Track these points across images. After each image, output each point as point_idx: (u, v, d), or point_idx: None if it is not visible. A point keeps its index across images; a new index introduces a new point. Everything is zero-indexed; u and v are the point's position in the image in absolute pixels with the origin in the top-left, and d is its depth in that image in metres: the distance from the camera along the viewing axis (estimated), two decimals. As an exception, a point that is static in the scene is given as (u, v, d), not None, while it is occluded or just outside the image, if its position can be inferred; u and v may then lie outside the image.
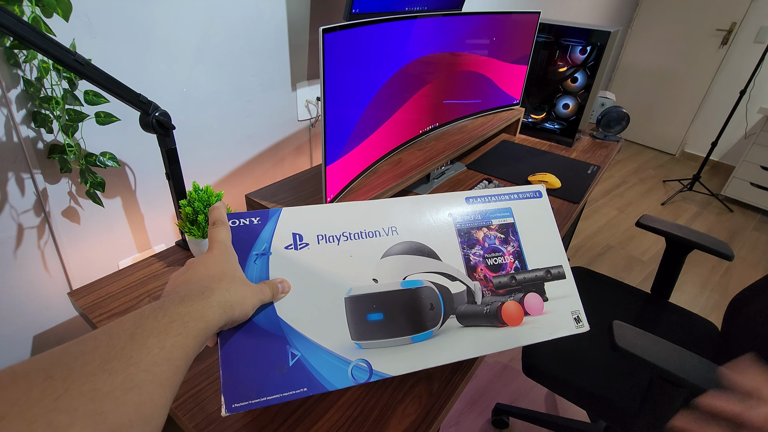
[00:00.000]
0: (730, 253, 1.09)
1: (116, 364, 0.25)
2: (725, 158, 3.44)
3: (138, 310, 0.30)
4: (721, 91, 3.36)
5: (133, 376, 0.25)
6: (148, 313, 0.30)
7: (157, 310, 0.30)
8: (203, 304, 0.33)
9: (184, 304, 0.32)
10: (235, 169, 1.11)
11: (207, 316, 0.32)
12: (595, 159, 1.54)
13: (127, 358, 0.26)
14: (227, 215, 0.45)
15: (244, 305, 0.37)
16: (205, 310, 0.33)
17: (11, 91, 0.68)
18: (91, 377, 0.23)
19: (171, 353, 0.28)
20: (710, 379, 0.73)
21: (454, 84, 1.26)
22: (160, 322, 0.29)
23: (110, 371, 0.24)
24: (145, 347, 0.27)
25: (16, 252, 0.77)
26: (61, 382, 0.22)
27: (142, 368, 0.26)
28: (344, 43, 0.77)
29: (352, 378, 0.43)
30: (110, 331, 0.27)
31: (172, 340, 0.29)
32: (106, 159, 0.78)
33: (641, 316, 1.16)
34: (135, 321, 0.29)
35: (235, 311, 0.36)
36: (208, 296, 0.34)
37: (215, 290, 0.35)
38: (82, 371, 0.24)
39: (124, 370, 0.25)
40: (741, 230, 2.72)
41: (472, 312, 0.49)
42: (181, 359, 0.29)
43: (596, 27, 1.47)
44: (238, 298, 0.37)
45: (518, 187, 0.57)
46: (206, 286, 0.35)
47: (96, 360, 0.25)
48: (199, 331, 0.31)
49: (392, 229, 0.50)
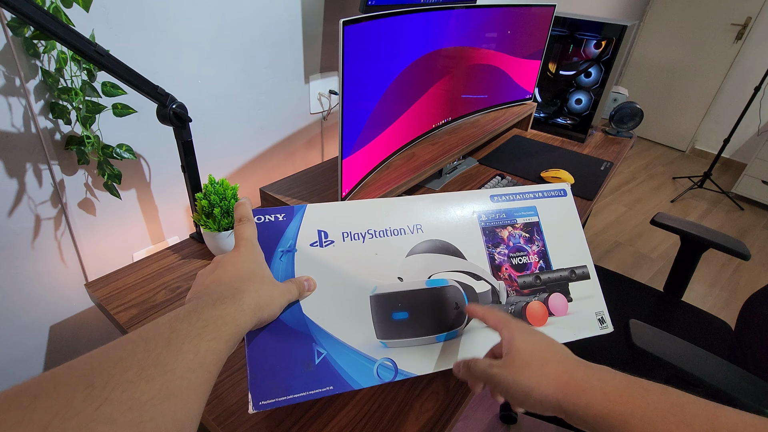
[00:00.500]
0: (747, 253, 1.07)
1: (153, 371, 0.25)
2: (736, 155, 3.40)
3: (172, 313, 0.30)
4: (734, 87, 3.31)
5: (169, 383, 0.25)
6: (182, 317, 0.29)
7: (192, 313, 0.30)
8: (235, 308, 0.32)
9: (217, 307, 0.31)
10: (247, 161, 1.11)
11: (239, 319, 0.32)
12: (607, 155, 1.53)
13: (164, 365, 0.25)
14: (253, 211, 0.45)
15: (272, 306, 0.37)
16: (237, 314, 0.32)
17: (30, 81, 0.68)
18: (129, 385, 0.23)
19: (205, 359, 0.28)
20: (728, 379, 0.73)
21: (468, 78, 1.24)
22: (194, 326, 0.29)
23: (148, 379, 0.24)
24: (181, 353, 0.27)
25: (34, 243, 0.77)
26: (101, 391, 0.22)
27: (177, 375, 0.26)
28: (363, 36, 0.76)
29: (377, 377, 0.43)
30: (146, 336, 0.27)
31: (206, 345, 0.28)
32: (123, 151, 0.78)
33: (654, 315, 1.15)
34: (170, 325, 0.28)
35: (264, 313, 0.36)
36: (240, 299, 0.34)
37: (246, 292, 0.35)
38: (121, 378, 0.23)
39: (161, 377, 0.25)
40: (752, 228, 2.70)
41: (497, 311, 0.49)
42: (214, 364, 0.29)
43: (611, 21, 1.45)
44: (268, 300, 0.37)
45: (543, 185, 0.57)
46: (237, 288, 0.35)
47: (134, 366, 0.24)
48: (232, 335, 0.31)
49: (417, 227, 0.49)
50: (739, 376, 0.73)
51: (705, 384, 0.72)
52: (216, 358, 0.29)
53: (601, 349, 1.01)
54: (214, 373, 0.29)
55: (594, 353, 1.00)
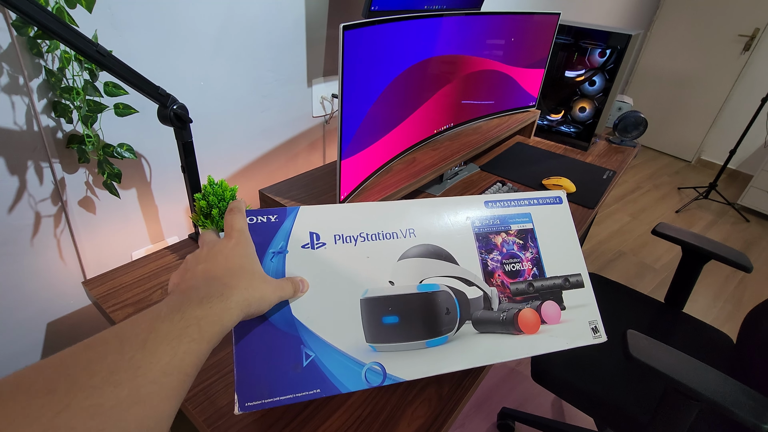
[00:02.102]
0: (749, 265, 1.06)
1: (123, 375, 0.24)
2: (743, 167, 3.37)
3: (154, 310, 0.29)
4: (742, 98, 3.30)
5: (139, 388, 0.24)
6: (164, 315, 0.29)
7: (174, 312, 0.29)
8: (222, 307, 0.32)
9: (203, 306, 0.31)
10: (249, 163, 1.12)
11: (224, 318, 0.32)
12: (611, 164, 1.52)
13: (136, 368, 0.25)
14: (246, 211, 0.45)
15: (262, 302, 0.37)
16: (223, 313, 0.32)
17: (33, 80, 0.69)
18: (95, 391, 0.22)
19: (183, 360, 0.27)
20: (726, 393, 0.71)
21: (471, 84, 1.24)
22: (175, 326, 0.28)
23: (116, 383, 0.23)
24: (156, 354, 0.26)
25: (33, 240, 0.78)
26: (63, 396, 0.21)
27: (149, 379, 0.25)
28: (364, 41, 0.76)
29: (365, 381, 0.43)
30: (122, 335, 0.26)
31: (185, 346, 0.28)
32: (124, 150, 0.79)
33: (654, 326, 1.14)
34: (150, 324, 0.28)
35: (252, 308, 0.35)
36: (228, 297, 0.33)
37: (234, 288, 0.34)
38: (86, 384, 0.22)
39: (131, 381, 0.24)
40: (757, 241, 2.67)
41: (489, 318, 0.48)
42: (191, 366, 0.28)
43: (617, 30, 1.45)
44: (257, 296, 0.36)
45: (538, 192, 0.56)
46: (226, 284, 0.34)
47: (103, 371, 0.23)
48: (214, 335, 0.30)
49: (410, 231, 0.49)
50: (738, 391, 0.72)
51: (702, 397, 0.71)
52: (195, 359, 0.28)
53: (599, 360, 1.00)
54: (191, 375, 0.28)
55: (592, 363, 0.99)
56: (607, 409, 0.92)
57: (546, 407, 1.48)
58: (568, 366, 0.99)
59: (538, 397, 1.50)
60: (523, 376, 1.57)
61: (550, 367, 0.99)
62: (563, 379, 0.97)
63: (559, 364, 0.99)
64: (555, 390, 1.00)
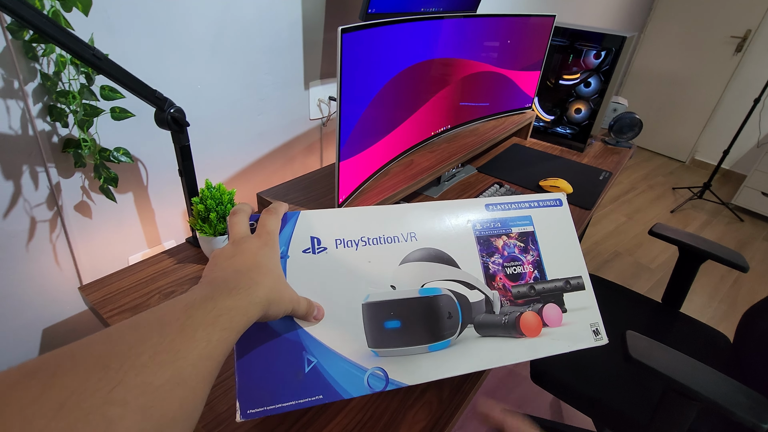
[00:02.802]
0: (745, 265, 1.07)
1: (166, 356, 0.25)
2: (736, 167, 3.40)
3: (187, 298, 0.30)
4: (734, 98, 3.33)
5: (181, 370, 0.25)
6: (198, 304, 0.29)
7: (207, 300, 0.30)
8: (249, 300, 0.33)
9: (232, 297, 0.32)
10: (246, 166, 1.11)
11: (250, 312, 0.32)
12: (606, 165, 1.53)
13: (176, 351, 0.25)
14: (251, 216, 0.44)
15: (279, 307, 0.37)
16: (249, 307, 0.32)
17: (28, 84, 0.68)
18: (143, 369, 0.23)
19: (216, 348, 0.28)
20: (725, 393, 0.72)
21: (467, 86, 1.25)
22: (209, 314, 0.29)
23: (160, 364, 0.24)
24: (194, 340, 0.27)
25: (28, 245, 0.77)
26: (116, 373, 0.22)
27: (189, 362, 0.26)
28: (362, 43, 0.76)
29: (368, 386, 0.42)
30: (162, 319, 0.27)
31: (218, 335, 0.28)
32: (120, 154, 0.78)
33: (652, 326, 1.15)
34: (186, 310, 0.28)
35: (271, 309, 0.36)
36: (255, 291, 0.34)
37: (260, 285, 0.35)
38: (136, 362, 0.23)
39: (173, 363, 0.25)
40: (751, 240, 2.69)
41: (491, 322, 0.48)
42: (222, 355, 0.29)
43: (611, 32, 1.46)
44: (278, 298, 0.37)
45: (538, 194, 0.56)
46: (253, 279, 0.35)
47: (148, 351, 0.24)
48: (242, 326, 0.31)
49: (411, 235, 0.49)
50: (736, 390, 0.73)
51: (701, 397, 0.71)
52: (225, 348, 0.29)
53: (598, 361, 1.01)
54: (220, 363, 0.29)
55: (591, 364, 1.00)
56: (605, 410, 0.92)
57: (545, 408, 1.48)
58: (567, 367, 0.99)
59: (537, 399, 1.51)
60: (522, 377, 1.57)
61: (549, 368, 0.99)
62: (562, 380, 0.97)
63: (558, 365, 0.99)
64: (554, 391, 1.01)
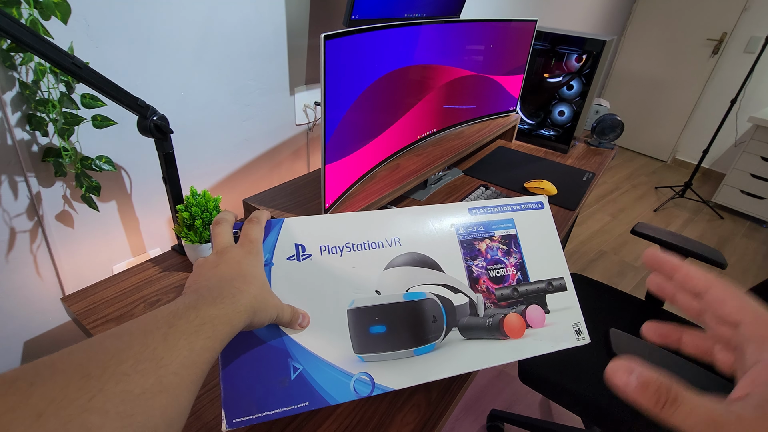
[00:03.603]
0: (723, 262, 1.10)
1: (148, 365, 0.25)
2: (716, 165, 3.48)
3: (171, 307, 0.30)
4: (712, 99, 3.41)
5: (162, 378, 0.25)
6: (181, 312, 0.30)
7: (191, 309, 0.30)
8: (233, 309, 0.33)
9: (216, 306, 0.32)
10: (232, 173, 1.11)
11: (234, 320, 0.33)
12: (590, 166, 1.55)
13: (159, 359, 0.26)
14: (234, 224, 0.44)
15: (264, 314, 0.37)
16: (233, 315, 0.33)
17: (6, 93, 0.67)
18: (124, 377, 0.23)
19: (199, 356, 0.28)
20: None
21: (452, 90, 1.26)
22: (192, 323, 0.29)
23: (142, 372, 0.24)
24: (176, 349, 0.27)
25: (8, 256, 0.76)
26: (96, 381, 0.22)
27: (171, 370, 0.26)
28: (345, 49, 0.77)
29: (354, 392, 0.43)
30: (145, 328, 0.27)
31: (201, 343, 0.29)
32: (102, 163, 0.77)
33: (636, 324, 1.17)
34: (169, 320, 0.29)
35: (257, 317, 0.36)
36: (239, 300, 0.34)
37: (245, 293, 0.35)
38: (116, 370, 0.23)
39: (155, 372, 0.25)
40: (731, 237, 2.76)
41: (475, 324, 0.49)
42: (206, 363, 0.29)
43: (592, 36, 1.49)
44: (262, 306, 0.37)
45: (520, 198, 0.57)
46: (237, 288, 0.35)
47: (130, 359, 0.25)
48: (226, 335, 0.31)
49: (395, 240, 0.49)
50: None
51: (683, 393, 0.73)
52: (209, 356, 0.29)
53: (583, 359, 1.02)
54: (205, 371, 0.29)
55: (576, 363, 1.01)
56: (592, 407, 0.94)
57: (534, 408, 1.50)
58: (554, 366, 1.00)
59: (527, 398, 1.52)
60: (511, 377, 1.59)
61: (536, 368, 1.01)
62: (549, 379, 0.99)
63: (545, 364, 1.01)
64: (542, 390, 1.02)
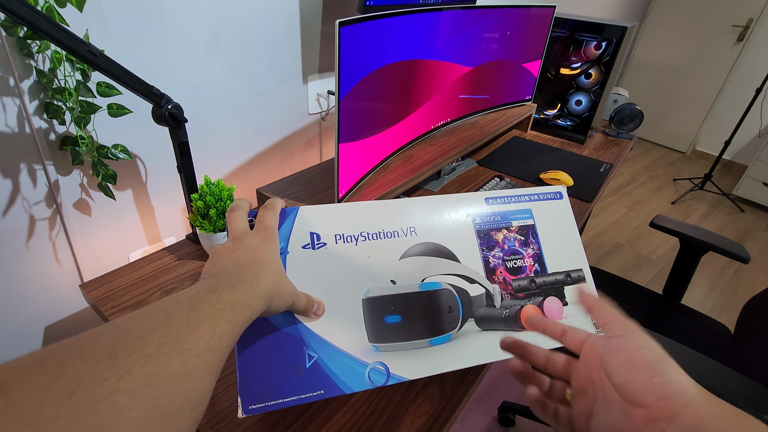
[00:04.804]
0: (746, 256, 1.07)
1: (172, 347, 0.25)
2: (737, 157, 3.38)
3: (193, 290, 0.30)
4: (736, 88, 3.30)
5: (186, 361, 0.25)
6: (203, 296, 0.30)
7: (211, 293, 0.30)
8: (252, 294, 0.33)
9: (236, 290, 0.32)
10: (245, 162, 1.11)
11: (253, 305, 0.33)
12: (607, 157, 1.52)
13: (182, 342, 0.26)
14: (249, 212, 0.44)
15: (281, 301, 0.37)
16: (252, 300, 0.33)
17: (24, 81, 0.68)
18: (150, 359, 0.23)
19: (220, 340, 0.28)
20: (726, 384, 0.72)
21: (467, 78, 1.24)
22: (213, 307, 0.29)
23: (167, 355, 0.24)
24: (199, 332, 0.27)
25: (28, 243, 0.77)
26: (124, 362, 0.22)
27: (194, 354, 0.26)
28: (360, 36, 0.75)
29: (369, 381, 0.42)
30: (167, 311, 0.27)
31: (223, 327, 0.29)
32: (118, 151, 0.78)
33: (653, 318, 1.15)
34: (190, 303, 0.29)
35: (274, 303, 0.36)
36: (257, 285, 0.34)
37: (263, 279, 0.35)
38: (142, 352, 0.23)
39: (179, 354, 0.25)
40: (752, 231, 2.69)
41: (491, 315, 0.48)
42: (227, 346, 0.29)
43: (612, 22, 1.44)
44: (279, 292, 0.37)
45: (538, 187, 0.56)
46: (256, 273, 0.35)
47: (155, 341, 0.24)
48: (245, 320, 0.31)
49: (411, 229, 0.49)
50: (738, 382, 0.73)
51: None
52: (230, 341, 0.29)
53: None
54: (225, 355, 0.29)
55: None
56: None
57: (546, 400, 1.49)
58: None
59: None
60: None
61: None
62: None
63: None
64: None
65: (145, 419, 0.22)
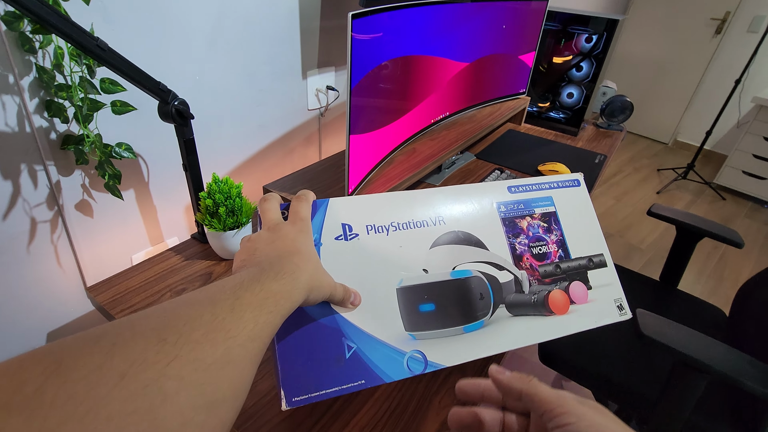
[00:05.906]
0: (740, 241, 1.10)
1: (218, 335, 0.25)
2: (717, 147, 3.49)
3: (236, 279, 0.30)
4: (714, 80, 3.40)
5: (230, 350, 0.25)
6: (246, 285, 0.29)
7: (255, 283, 0.30)
8: (293, 285, 0.33)
9: (278, 281, 0.32)
10: (246, 159, 1.09)
11: (294, 296, 0.32)
12: (600, 148, 1.55)
13: (227, 330, 0.25)
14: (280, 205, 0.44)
15: (319, 292, 0.37)
16: (293, 291, 0.32)
17: (24, 78, 0.65)
18: (197, 345, 0.23)
19: (262, 330, 0.28)
20: (734, 364, 0.74)
21: (466, 72, 1.24)
22: (256, 296, 0.29)
23: (212, 342, 0.24)
24: (242, 320, 0.27)
25: (29, 247, 0.75)
26: (172, 347, 0.22)
27: (238, 342, 0.26)
28: (369, 29, 0.75)
29: (408, 369, 0.42)
30: (213, 298, 0.27)
31: (265, 317, 0.28)
32: (123, 150, 0.76)
33: (653, 303, 1.18)
34: (235, 291, 0.28)
35: (312, 295, 0.36)
36: (298, 276, 0.34)
37: (303, 270, 0.35)
38: (189, 338, 0.23)
39: (224, 342, 0.25)
40: (734, 218, 2.78)
41: (521, 301, 0.49)
42: (268, 337, 0.29)
43: (604, 15, 1.47)
44: (318, 284, 0.37)
45: (557, 175, 0.57)
46: (296, 264, 0.35)
47: (201, 327, 0.24)
48: (286, 311, 0.31)
49: (439, 219, 0.49)
50: (744, 361, 0.75)
51: (712, 370, 0.73)
52: (271, 331, 0.29)
53: (603, 339, 1.03)
54: (266, 345, 0.29)
55: (597, 343, 1.02)
56: (616, 388, 0.94)
57: (548, 389, 1.51)
58: (575, 347, 1.01)
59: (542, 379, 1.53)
60: (524, 359, 1.60)
61: (558, 349, 1.01)
62: (571, 360, 0.99)
63: (567, 346, 1.01)
64: (563, 371, 1.02)
65: (191, 405, 0.21)
